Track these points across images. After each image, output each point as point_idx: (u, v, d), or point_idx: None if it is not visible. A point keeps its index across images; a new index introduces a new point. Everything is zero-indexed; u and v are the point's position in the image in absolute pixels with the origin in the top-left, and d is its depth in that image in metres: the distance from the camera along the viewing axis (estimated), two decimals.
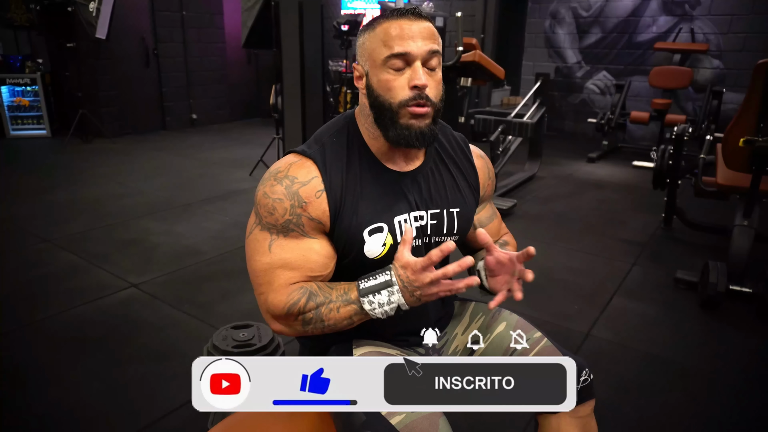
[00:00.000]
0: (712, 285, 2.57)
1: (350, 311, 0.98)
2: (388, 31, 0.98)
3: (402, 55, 0.97)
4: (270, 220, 1.01)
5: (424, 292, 0.94)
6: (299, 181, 1.01)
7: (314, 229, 1.02)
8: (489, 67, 4.50)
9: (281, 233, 1.01)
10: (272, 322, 1.03)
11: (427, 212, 1.10)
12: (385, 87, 1.00)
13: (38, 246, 3.29)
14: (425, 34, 0.99)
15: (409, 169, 1.09)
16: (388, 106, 1.00)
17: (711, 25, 6.40)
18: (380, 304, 0.96)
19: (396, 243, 1.06)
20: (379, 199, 1.05)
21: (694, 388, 2.09)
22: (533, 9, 7.65)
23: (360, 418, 0.96)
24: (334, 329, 1.01)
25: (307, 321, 0.99)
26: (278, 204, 1.00)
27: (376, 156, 1.07)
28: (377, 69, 1.00)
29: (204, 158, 5.84)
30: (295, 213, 1.00)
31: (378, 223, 1.04)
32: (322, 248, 1.03)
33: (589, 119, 6.63)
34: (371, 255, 1.05)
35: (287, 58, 4.36)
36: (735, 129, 2.69)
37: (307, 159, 1.04)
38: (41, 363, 2.13)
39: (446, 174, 1.15)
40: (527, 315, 1.28)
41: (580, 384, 1.10)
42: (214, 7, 7.71)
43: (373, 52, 1.00)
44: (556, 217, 4.12)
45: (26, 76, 6.29)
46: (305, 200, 1.01)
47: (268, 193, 1.01)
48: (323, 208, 1.01)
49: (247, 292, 2.76)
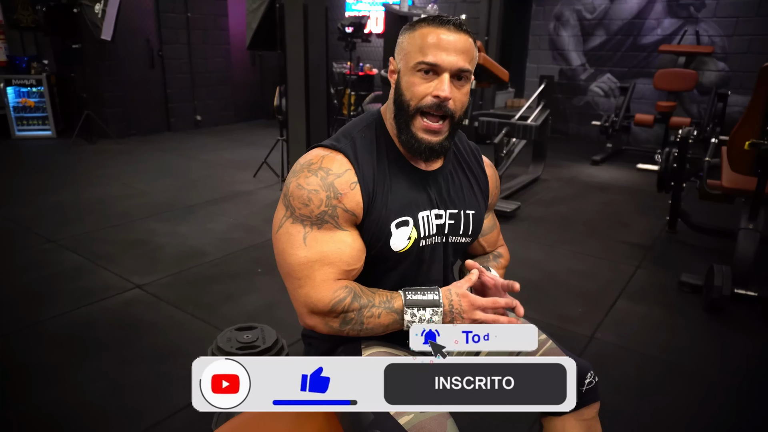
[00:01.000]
0: (717, 288, 2.56)
1: (390, 319, 1.00)
2: (426, 37, 1.00)
3: (432, 65, 0.99)
4: (304, 212, 1.01)
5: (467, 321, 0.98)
6: (334, 173, 1.02)
7: (347, 221, 1.03)
8: (493, 70, 4.50)
9: (315, 225, 1.01)
10: (309, 317, 1.02)
11: (446, 211, 1.12)
12: (410, 88, 1.02)
13: (43, 246, 3.30)
14: (460, 49, 1.00)
15: (430, 169, 1.12)
16: (406, 106, 1.03)
17: (716, 27, 6.39)
18: (421, 319, 0.98)
19: (419, 237, 1.07)
20: (405, 194, 1.07)
21: (699, 392, 2.09)
22: (537, 11, 7.65)
23: (368, 417, 0.97)
24: (369, 333, 1.02)
25: (347, 321, 1.00)
26: (314, 195, 1.00)
27: (402, 152, 1.10)
28: (408, 70, 1.03)
29: (208, 160, 5.86)
30: (331, 204, 1.00)
31: (405, 216, 1.06)
32: (354, 241, 1.04)
33: (593, 122, 6.62)
34: (396, 248, 1.06)
35: (291, 60, 4.37)
36: (740, 132, 2.68)
37: (338, 152, 1.05)
38: (46, 363, 2.14)
39: (463, 177, 1.17)
40: (531, 318, 1.28)
41: (585, 386, 1.10)
42: (218, 9, 7.74)
43: (408, 53, 1.02)
44: (560, 220, 4.11)
45: (32, 77, 6.33)
46: (341, 192, 1.01)
47: (303, 185, 1.01)
48: (357, 199, 1.02)
49: (251, 294, 2.77)
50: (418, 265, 1.11)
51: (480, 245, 1.29)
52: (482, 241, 1.28)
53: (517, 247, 3.51)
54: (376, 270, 1.09)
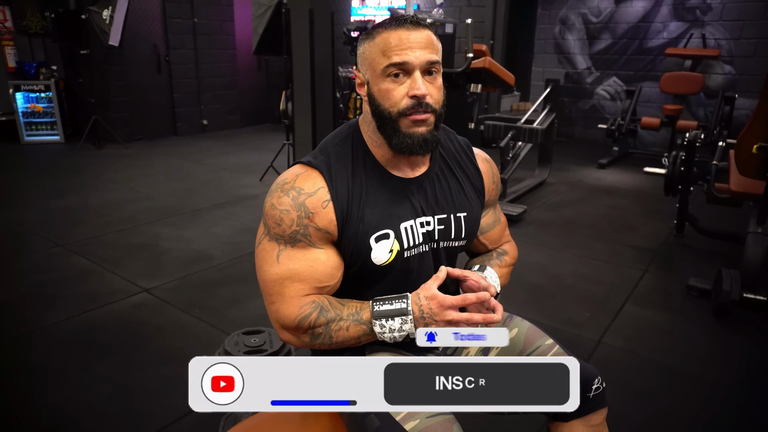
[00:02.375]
0: (726, 293, 2.54)
1: (359, 331, 1.00)
2: (387, 40, 0.99)
3: (400, 65, 0.98)
4: (278, 231, 1.02)
5: (442, 325, 0.96)
6: (305, 192, 1.02)
7: (321, 239, 1.03)
8: (499, 74, 4.50)
9: (289, 244, 1.02)
10: (281, 332, 1.04)
11: (434, 217, 1.10)
12: (385, 96, 1.00)
13: (51, 250, 3.33)
14: (424, 44, 0.99)
15: (414, 175, 1.10)
16: (388, 115, 1.01)
17: (722, 30, 6.36)
18: (391, 329, 0.98)
19: (402, 249, 1.06)
20: (384, 206, 1.06)
21: (707, 397, 2.07)
22: (543, 15, 7.65)
23: (373, 423, 0.96)
24: (341, 346, 1.02)
25: (316, 336, 1.01)
26: (285, 215, 1.01)
27: (381, 163, 1.08)
28: (377, 78, 1.01)
29: (214, 164, 5.88)
30: (302, 224, 1.01)
31: (384, 229, 1.05)
32: (329, 258, 1.04)
33: (600, 125, 6.60)
34: (378, 261, 1.05)
35: (297, 65, 4.39)
36: (748, 135, 2.67)
37: (313, 170, 1.05)
38: (53, 366, 2.15)
39: (452, 179, 1.15)
40: (537, 322, 1.27)
41: (592, 392, 1.10)
42: (225, 14, 7.79)
43: (373, 61, 1.01)
44: (566, 224, 4.10)
45: (40, 83, 6.38)
46: (312, 211, 1.01)
47: (276, 205, 1.02)
48: (330, 217, 1.02)
49: (258, 298, 2.77)
50: (406, 276, 1.10)
51: (481, 243, 1.26)
52: (483, 239, 1.25)
53: (523, 250, 3.48)
54: (361, 283, 1.09)
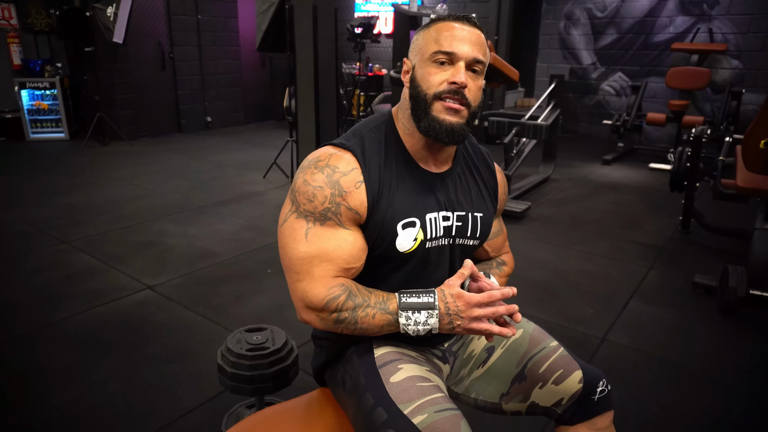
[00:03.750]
0: (732, 289, 2.52)
1: (385, 321, 0.99)
2: (442, 30, 1.03)
3: (448, 53, 1.01)
4: (309, 208, 1.02)
5: (464, 325, 0.96)
6: (340, 171, 1.02)
7: (350, 219, 1.03)
8: (503, 69, 4.48)
9: (318, 221, 1.01)
10: (305, 312, 1.02)
11: (454, 214, 1.11)
12: (426, 78, 1.03)
13: (56, 247, 3.34)
14: (474, 41, 1.02)
15: (439, 171, 1.11)
16: (423, 96, 1.03)
17: (729, 24, 6.30)
18: (416, 322, 0.97)
19: (425, 239, 1.07)
20: (412, 195, 1.07)
21: (713, 395, 2.06)
22: (548, 10, 7.60)
23: (381, 416, 0.96)
24: (364, 333, 1.02)
25: (341, 320, 1.00)
26: (318, 191, 1.01)
27: (411, 153, 1.10)
28: (423, 62, 1.04)
29: (218, 161, 5.89)
30: (335, 202, 1.01)
31: (411, 217, 1.06)
32: (356, 240, 1.04)
33: (605, 121, 6.56)
34: (402, 248, 1.05)
35: (301, 61, 4.38)
36: (755, 130, 2.64)
37: (346, 151, 1.05)
38: (58, 363, 2.16)
39: (471, 180, 1.17)
40: (542, 319, 1.27)
41: (597, 395, 1.09)
42: (228, 11, 7.78)
43: (424, 47, 1.04)
44: (570, 220, 4.08)
45: (45, 80, 6.41)
46: (345, 190, 1.01)
47: (309, 181, 1.02)
48: (362, 198, 1.02)
49: (261, 295, 2.78)
50: (424, 266, 1.10)
51: (484, 250, 1.28)
52: (486, 245, 1.27)
53: (527, 247, 3.48)
54: (380, 270, 1.09)
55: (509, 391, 1.15)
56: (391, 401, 0.97)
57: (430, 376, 1.04)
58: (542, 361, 1.12)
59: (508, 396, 1.16)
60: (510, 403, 1.16)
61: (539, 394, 1.12)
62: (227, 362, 1.52)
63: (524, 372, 1.13)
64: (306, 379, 1.94)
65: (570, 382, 1.09)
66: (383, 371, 1.03)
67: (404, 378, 1.01)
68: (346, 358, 1.11)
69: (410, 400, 0.96)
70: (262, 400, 1.60)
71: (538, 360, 1.13)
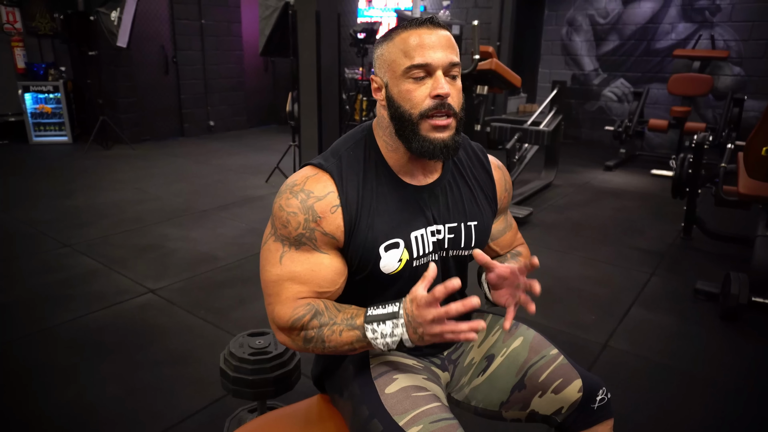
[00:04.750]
0: (734, 296, 2.52)
1: (352, 337, 0.95)
2: (408, 41, 0.97)
3: (423, 65, 0.96)
4: (284, 233, 1.02)
5: (426, 330, 0.89)
6: (315, 196, 1.01)
7: (327, 244, 1.02)
8: (505, 75, 4.49)
9: (293, 246, 1.01)
10: (277, 333, 1.04)
11: (445, 226, 1.09)
12: (405, 97, 0.98)
13: (58, 250, 3.35)
14: (445, 44, 0.98)
15: (426, 182, 1.09)
16: (408, 117, 0.99)
17: (731, 31, 6.32)
18: (383, 334, 0.93)
19: (411, 258, 1.05)
20: (395, 215, 1.04)
21: (714, 401, 2.05)
22: (550, 17, 7.62)
23: (377, 427, 0.96)
24: (335, 352, 0.99)
25: (308, 339, 0.99)
26: (292, 217, 1.00)
27: (393, 170, 1.07)
28: (397, 79, 0.99)
29: (221, 165, 5.90)
30: (309, 227, 1.00)
31: (394, 238, 1.04)
32: (332, 264, 1.03)
33: (607, 127, 6.57)
34: (387, 270, 1.04)
35: (304, 66, 4.39)
36: (757, 137, 2.64)
37: (324, 173, 1.03)
38: (60, 366, 2.16)
39: (464, 187, 1.14)
40: (544, 325, 1.27)
41: (596, 403, 1.08)
42: (232, 15, 7.82)
43: (393, 63, 0.99)
44: (572, 226, 4.08)
45: (49, 84, 6.43)
46: (320, 215, 1.00)
47: (284, 206, 1.01)
48: (338, 223, 1.01)
49: (263, 299, 2.77)
50: (413, 283, 1.08)
51: (492, 250, 1.26)
52: (494, 245, 1.25)
53: None
54: (368, 290, 1.08)
55: (509, 400, 1.15)
56: (386, 413, 0.97)
57: (426, 385, 1.03)
58: (542, 370, 1.12)
59: (507, 404, 1.15)
60: (510, 411, 1.16)
61: (539, 403, 1.11)
62: (230, 366, 1.52)
63: (524, 380, 1.12)
64: (308, 383, 1.94)
65: (570, 390, 1.08)
66: (378, 382, 1.02)
67: (399, 389, 1.00)
68: (343, 368, 1.11)
69: (405, 412, 0.96)
70: (264, 405, 1.61)
71: (538, 369, 1.12)
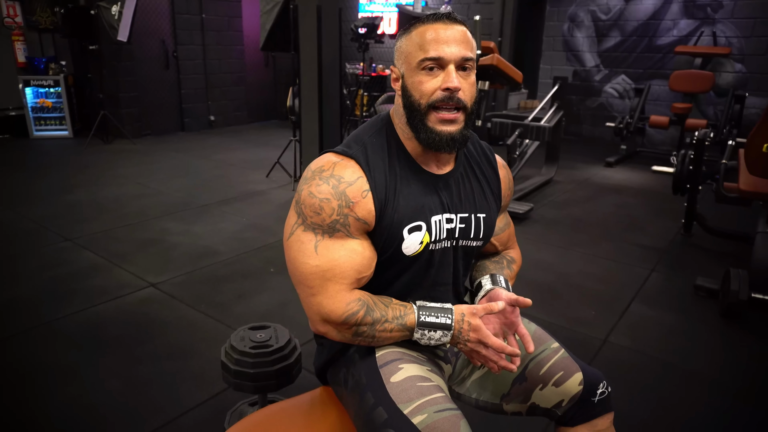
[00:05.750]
0: (734, 293, 2.52)
1: (401, 335, 1.04)
2: (424, 35, 1.00)
3: (435, 59, 0.99)
4: (316, 220, 1.01)
5: (472, 348, 1.03)
6: (345, 181, 1.01)
7: (359, 229, 1.03)
8: (507, 71, 4.48)
9: (326, 233, 1.01)
10: (321, 324, 1.03)
11: (457, 216, 1.11)
12: (417, 88, 1.01)
13: (60, 245, 3.35)
14: (459, 39, 1.00)
15: (441, 172, 1.11)
16: (417, 107, 1.02)
17: (733, 28, 6.30)
18: (430, 338, 1.03)
19: (431, 241, 1.08)
20: (417, 198, 1.07)
21: (713, 398, 2.06)
22: (551, 12, 7.60)
23: (381, 416, 0.97)
24: (378, 344, 1.05)
25: (359, 333, 1.02)
26: (325, 204, 1.00)
27: (413, 156, 1.09)
28: (412, 71, 1.02)
29: (221, 160, 5.90)
30: (343, 213, 1.00)
31: (418, 221, 1.06)
32: (365, 249, 1.04)
33: (608, 123, 6.56)
34: (408, 252, 1.06)
35: (305, 61, 4.39)
36: (758, 134, 2.64)
37: (350, 159, 1.04)
38: (61, 360, 2.17)
39: (474, 181, 1.16)
40: (544, 320, 1.27)
41: (597, 397, 1.09)
42: (232, 10, 7.80)
43: (409, 55, 1.02)
44: (573, 222, 4.08)
45: (50, 78, 6.42)
46: (353, 200, 1.00)
47: (315, 193, 1.01)
48: (369, 207, 1.02)
49: (264, 293, 2.78)
50: (427, 268, 1.10)
51: (492, 245, 1.29)
52: (494, 240, 1.28)
53: (529, 249, 3.49)
54: (384, 273, 1.09)
55: (510, 392, 1.16)
56: (392, 401, 0.98)
57: (430, 376, 1.04)
58: (543, 363, 1.13)
59: (508, 397, 1.16)
60: (510, 404, 1.17)
61: (540, 396, 1.12)
62: (231, 359, 1.53)
63: (525, 373, 1.14)
64: (309, 377, 1.95)
65: (570, 384, 1.09)
66: (384, 371, 1.03)
67: (404, 378, 1.01)
68: (348, 358, 1.12)
69: (410, 400, 0.97)
70: (265, 398, 1.61)
71: (539, 361, 1.13)
